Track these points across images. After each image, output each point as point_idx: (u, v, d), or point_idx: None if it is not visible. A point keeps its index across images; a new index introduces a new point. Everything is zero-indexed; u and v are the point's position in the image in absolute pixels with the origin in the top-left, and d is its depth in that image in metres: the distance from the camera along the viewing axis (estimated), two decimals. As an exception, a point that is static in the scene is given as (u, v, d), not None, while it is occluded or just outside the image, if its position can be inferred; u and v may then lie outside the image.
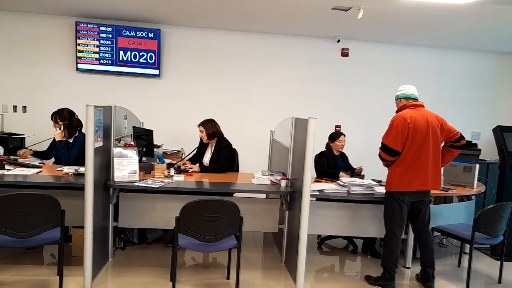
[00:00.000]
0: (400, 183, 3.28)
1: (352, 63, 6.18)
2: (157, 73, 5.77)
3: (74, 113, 4.17)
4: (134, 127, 4.22)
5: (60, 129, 4.06)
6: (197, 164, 4.31)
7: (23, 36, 5.60)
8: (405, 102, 3.38)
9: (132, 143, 3.78)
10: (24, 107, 5.73)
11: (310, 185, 3.21)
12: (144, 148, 4.09)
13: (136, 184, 3.40)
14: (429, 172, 3.28)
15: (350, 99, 6.27)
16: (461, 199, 4.53)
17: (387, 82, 6.21)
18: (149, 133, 4.07)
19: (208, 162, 4.36)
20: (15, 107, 5.69)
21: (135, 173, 3.49)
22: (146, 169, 3.77)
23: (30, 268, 3.45)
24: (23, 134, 4.75)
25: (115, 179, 3.39)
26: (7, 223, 2.70)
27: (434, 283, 3.50)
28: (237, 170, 4.53)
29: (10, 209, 2.69)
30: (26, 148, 4.64)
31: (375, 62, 6.23)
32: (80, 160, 4.03)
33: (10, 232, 2.72)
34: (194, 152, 4.58)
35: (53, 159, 4.29)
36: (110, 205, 3.57)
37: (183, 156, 4.97)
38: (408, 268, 3.98)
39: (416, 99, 3.39)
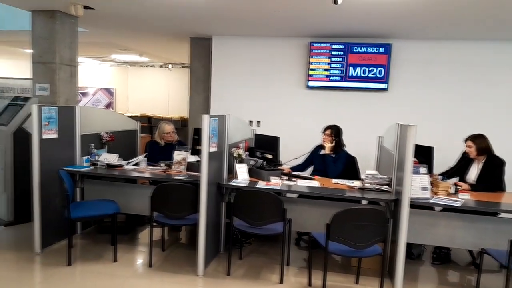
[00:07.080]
0: None
1: None
2: (385, 87, 5.82)
3: (342, 132, 4.45)
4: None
5: (331, 143, 4.37)
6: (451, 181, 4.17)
7: (262, 58, 6.24)
8: None
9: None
10: (258, 122, 6.36)
11: None
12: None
13: (435, 202, 3.43)
14: None
15: None
16: None
17: None
18: (428, 150, 4.05)
19: (474, 180, 4.17)
20: (250, 122, 6.35)
21: (427, 190, 3.51)
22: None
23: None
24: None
25: (412, 196, 3.44)
26: (346, 234, 2.96)
27: None
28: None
29: (349, 221, 2.95)
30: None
31: None
32: (341, 174, 4.30)
33: (349, 243, 2.98)
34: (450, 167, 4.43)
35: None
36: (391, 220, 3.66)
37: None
38: None
39: None
